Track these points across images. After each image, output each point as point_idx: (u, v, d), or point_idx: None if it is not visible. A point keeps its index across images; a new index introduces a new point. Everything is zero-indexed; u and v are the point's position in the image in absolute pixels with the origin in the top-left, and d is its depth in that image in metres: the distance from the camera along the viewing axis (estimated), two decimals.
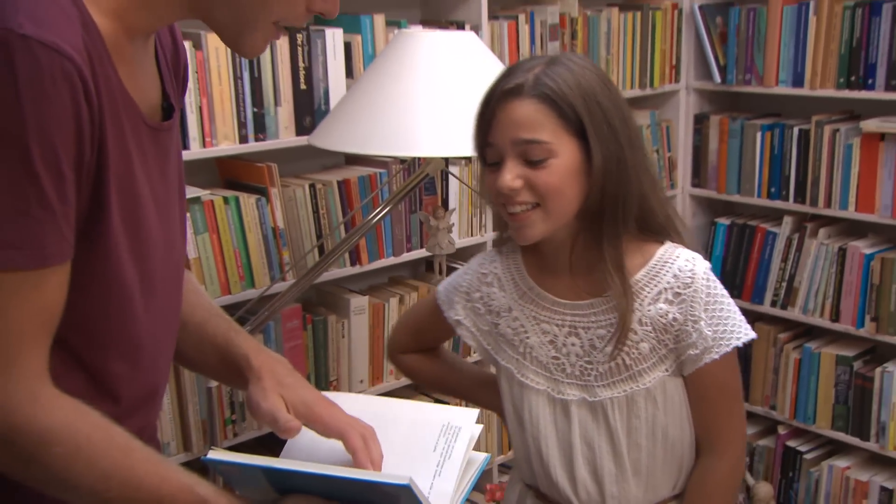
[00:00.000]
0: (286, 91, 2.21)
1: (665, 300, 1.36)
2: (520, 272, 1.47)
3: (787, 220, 2.91)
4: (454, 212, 2.24)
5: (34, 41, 0.84)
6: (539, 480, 1.49)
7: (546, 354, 1.43)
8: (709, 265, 1.39)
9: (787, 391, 2.92)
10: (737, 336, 1.37)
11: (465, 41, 1.90)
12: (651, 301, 1.37)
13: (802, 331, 2.97)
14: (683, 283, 1.36)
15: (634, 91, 2.96)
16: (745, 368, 2.96)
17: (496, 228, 1.51)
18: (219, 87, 2.09)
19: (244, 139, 2.16)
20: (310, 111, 2.25)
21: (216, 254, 2.13)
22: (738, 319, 1.38)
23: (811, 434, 2.95)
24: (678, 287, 1.36)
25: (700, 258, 1.38)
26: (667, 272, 1.37)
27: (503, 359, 1.48)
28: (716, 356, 1.36)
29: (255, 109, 2.17)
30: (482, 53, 1.91)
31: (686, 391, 1.41)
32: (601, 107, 1.31)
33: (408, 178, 2.09)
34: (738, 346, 1.38)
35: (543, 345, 1.44)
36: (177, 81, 1.16)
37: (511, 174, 1.31)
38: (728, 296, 1.39)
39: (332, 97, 2.27)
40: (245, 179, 2.25)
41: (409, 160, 2.33)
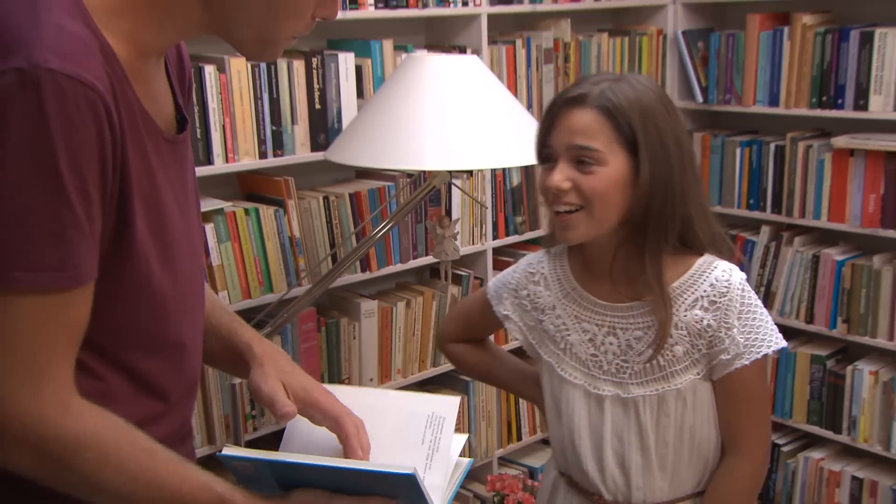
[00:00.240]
0: (302, 110, 2.25)
1: (701, 307, 1.37)
2: (565, 273, 1.49)
3: (765, 230, 2.94)
4: (458, 221, 2.31)
5: (60, 74, 0.85)
6: (571, 468, 1.51)
7: (585, 351, 1.45)
8: (744, 276, 1.40)
9: None
10: (767, 344, 1.38)
11: (469, 64, 1.94)
12: (688, 307, 1.38)
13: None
14: (719, 292, 1.37)
15: None
16: None
17: (549, 228, 1.51)
18: (240, 107, 2.14)
19: (263, 155, 2.20)
20: (324, 129, 2.29)
21: (237, 261, 2.17)
22: (770, 328, 1.39)
23: (788, 428, 2.97)
24: (714, 296, 1.37)
25: (736, 269, 1.40)
26: (704, 281, 1.38)
27: (545, 353, 1.51)
28: (746, 362, 1.37)
29: (274, 127, 2.21)
30: (484, 75, 1.95)
31: (714, 394, 1.42)
32: (657, 127, 1.33)
33: (413, 192, 2.11)
34: (769, 354, 1.39)
35: (583, 342, 1.45)
36: (183, 93, 1.16)
37: (561, 175, 1.34)
38: (762, 306, 1.40)
39: (345, 116, 2.31)
40: (264, 192, 2.28)
41: (416, 174, 2.36)
